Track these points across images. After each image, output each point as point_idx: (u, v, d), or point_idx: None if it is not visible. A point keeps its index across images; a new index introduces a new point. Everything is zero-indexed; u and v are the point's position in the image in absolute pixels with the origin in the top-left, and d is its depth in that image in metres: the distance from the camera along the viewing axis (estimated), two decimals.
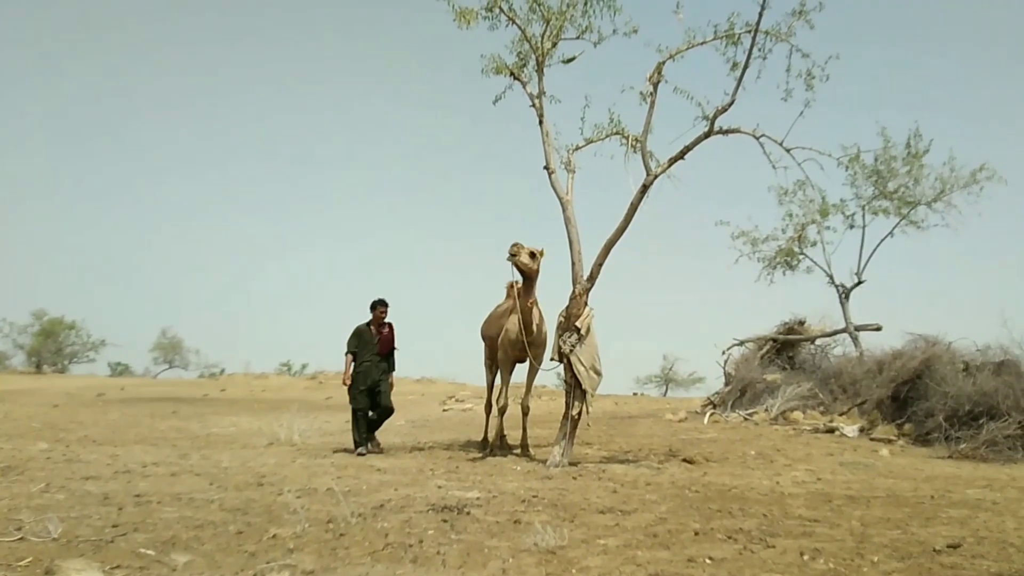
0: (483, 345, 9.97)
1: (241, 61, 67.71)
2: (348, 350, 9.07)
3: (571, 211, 8.43)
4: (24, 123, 58.04)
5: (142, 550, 4.13)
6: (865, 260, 16.66)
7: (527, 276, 8.36)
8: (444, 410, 17.89)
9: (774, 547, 4.47)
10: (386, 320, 9.28)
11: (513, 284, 8.88)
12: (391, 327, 9.27)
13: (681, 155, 8.15)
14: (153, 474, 7.05)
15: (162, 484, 6.43)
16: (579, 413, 8.00)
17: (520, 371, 9.40)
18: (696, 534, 4.80)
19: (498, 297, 9.85)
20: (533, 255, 8.28)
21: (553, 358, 8.27)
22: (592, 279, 8.15)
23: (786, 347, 16.14)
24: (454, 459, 8.58)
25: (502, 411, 9.23)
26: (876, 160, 15.93)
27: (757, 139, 8.18)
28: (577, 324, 7.98)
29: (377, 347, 9.10)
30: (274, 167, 66.24)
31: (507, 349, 8.97)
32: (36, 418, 13.43)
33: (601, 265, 8.16)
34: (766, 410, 13.28)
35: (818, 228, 16.95)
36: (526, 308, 8.42)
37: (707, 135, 8.05)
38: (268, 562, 3.97)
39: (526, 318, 8.46)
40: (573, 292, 8.11)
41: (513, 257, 8.13)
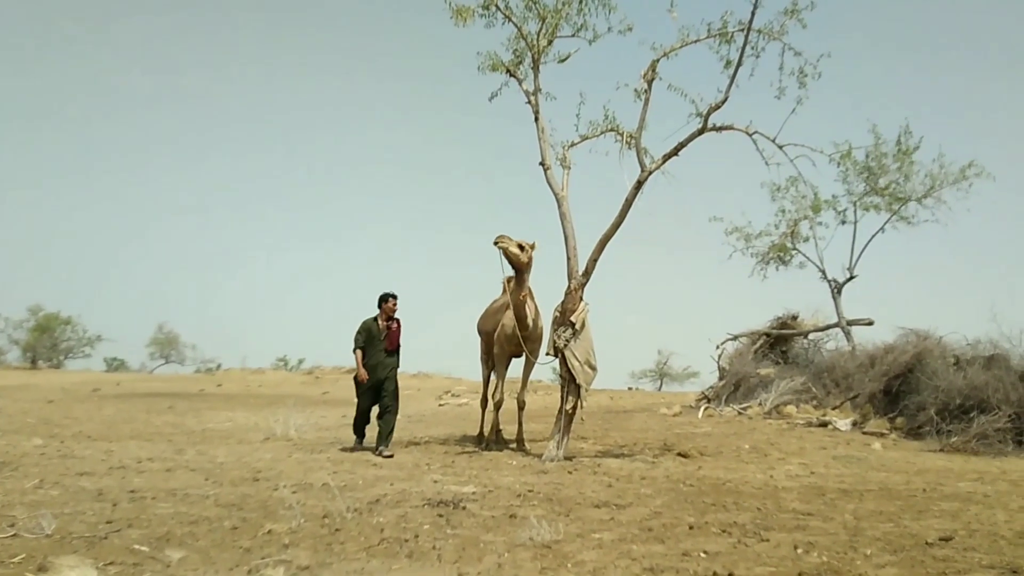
0: (479, 340, 9.99)
1: (237, 57, 67.42)
2: (356, 346, 8.60)
3: (566, 207, 8.46)
4: (21, 120, 57.80)
5: (136, 546, 4.12)
6: (857, 255, 16.79)
7: (517, 269, 8.35)
8: (440, 405, 17.93)
9: (768, 540, 4.49)
10: (395, 315, 8.82)
11: (509, 279, 8.86)
12: (399, 322, 8.80)
13: (675, 152, 8.20)
14: (148, 470, 7.04)
15: (157, 480, 6.43)
16: (574, 407, 8.03)
17: (516, 366, 9.45)
18: (691, 528, 4.82)
19: (494, 292, 9.88)
20: (522, 247, 8.27)
21: (548, 353, 8.31)
22: (587, 274, 8.19)
23: (779, 342, 16.20)
24: (450, 454, 8.60)
25: (498, 406, 9.25)
26: (867, 157, 16.05)
27: (750, 136, 8.24)
28: (572, 319, 8.02)
29: (385, 343, 8.64)
30: (270, 162, 66.08)
31: (503, 344, 8.99)
32: (31, 414, 13.38)
33: (596, 260, 8.20)
34: (760, 404, 13.31)
35: (810, 224, 17.06)
36: (518, 301, 8.42)
37: (701, 132, 8.10)
38: (263, 558, 3.97)
39: (519, 311, 8.47)
40: (568, 287, 8.15)
41: (500, 246, 8.11)
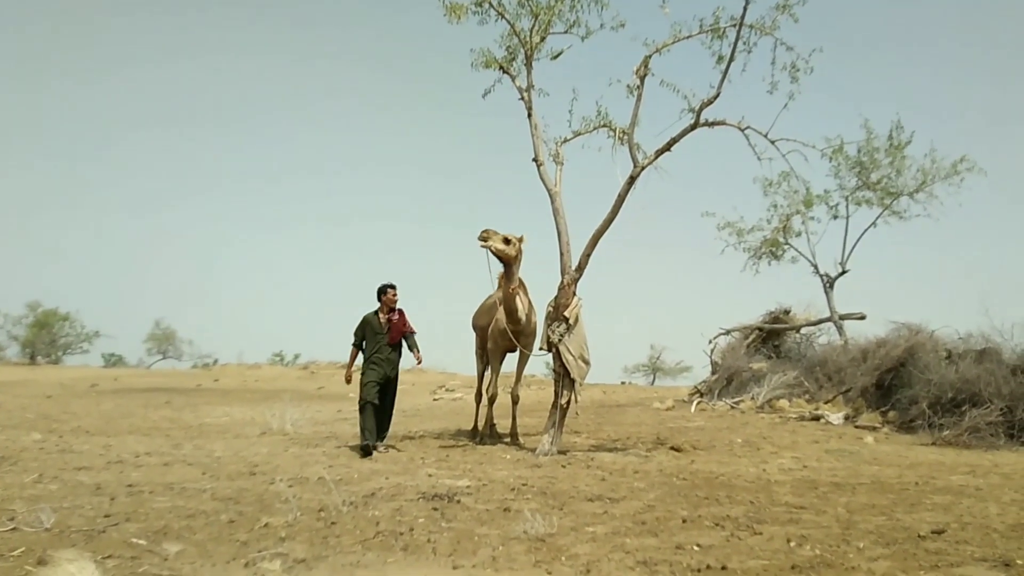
0: (474, 335, 10.02)
1: (234, 51, 67.08)
2: (354, 342, 8.22)
3: (559, 202, 8.49)
4: (18, 117, 57.55)
5: (134, 540, 4.16)
6: (849, 250, 16.78)
7: (505, 263, 8.34)
8: (434, 399, 17.95)
9: (761, 534, 4.50)
10: (396, 306, 8.37)
11: (501, 275, 8.91)
12: (401, 313, 8.33)
13: (668, 147, 8.23)
14: (145, 464, 7.08)
15: (154, 474, 6.47)
16: (567, 402, 8.08)
17: (512, 361, 9.46)
18: (684, 521, 4.84)
19: (489, 288, 9.91)
20: (508, 241, 8.24)
21: (542, 347, 8.33)
22: (580, 269, 8.22)
23: (772, 336, 16.25)
24: (444, 448, 8.63)
25: (492, 400, 9.29)
26: (859, 152, 16.01)
27: (742, 131, 8.25)
28: (565, 314, 8.05)
29: (387, 336, 8.18)
30: (266, 159, 65.85)
31: (496, 339, 9.01)
32: (30, 409, 13.42)
33: (589, 256, 8.24)
34: (752, 398, 13.36)
35: (802, 218, 17.04)
36: (508, 295, 8.42)
37: (693, 127, 8.12)
38: (260, 551, 4.00)
39: (509, 305, 8.47)
40: (562, 282, 8.19)
41: (484, 242, 8.08)
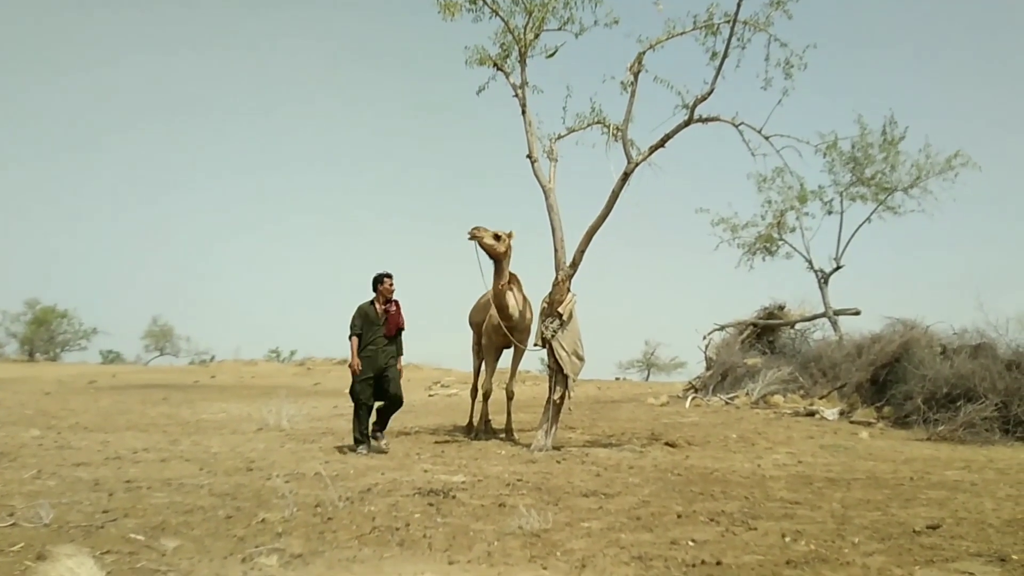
0: (471, 331, 10.05)
1: (229, 48, 66.92)
2: (352, 332, 7.96)
3: (553, 199, 8.51)
4: (14, 114, 57.35)
5: (132, 535, 4.20)
6: (843, 245, 16.90)
7: (495, 259, 8.37)
8: (430, 395, 17.96)
9: (756, 529, 4.51)
10: (393, 296, 8.13)
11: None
12: (398, 304, 8.12)
13: (662, 143, 8.23)
14: (143, 460, 7.11)
15: (152, 470, 6.51)
16: (561, 397, 8.10)
17: (507, 357, 9.49)
18: (679, 517, 4.85)
19: (483, 285, 9.92)
20: (498, 237, 8.28)
21: (536, 343, 8.37)
22: (574, 265, 8.25)
23: (766, 332, 16.27)
24: (440, 444, 8.67)
25: (486, 396, 9.31)
26: (853, 147, 16.12)
27: (736, 127, 8.26)
28: (559, 310, 8.07)
29: (384, 328, 7.99)
30: (262, 156, 65.89)
31: (491, 335, 9.03)
32: (28, 405, 13.45)
33: (583, 252, 8.26)
34: (747, 394, 13.37)
35: (797, 214, 17.14)
36: (499, 291, 8.44)
37: (687, 123, 8.13)
38: (257, 546, 4.03)
39: (500, 300, 8.49)
40: (556, 278, 8.21)
41: (474, 238, 8.12)
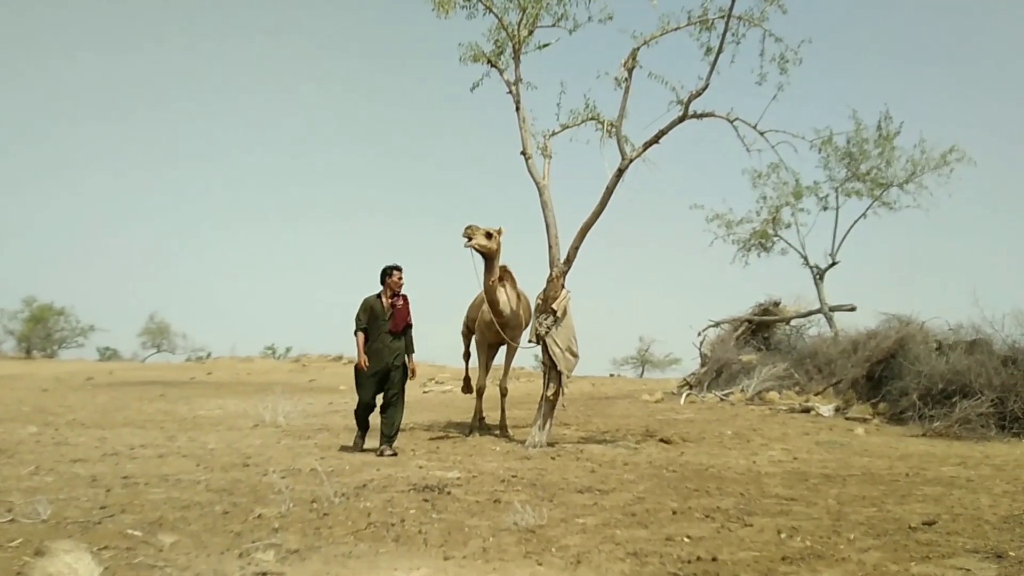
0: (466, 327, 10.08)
1: (222, 42, 66.74)
2: (358, 327, 7.62)
3: (548, 195, 8.51)
4: (10, 110, 57.18)
5: (129, 531, 4.21)
6: (839, 241, 16.85)
7: (488, 257, 8.34)
8: (424, 392, 17.98)
9: (751, 525, 4.50)
10: (401, 290, 7.79)
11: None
12: (406, 299, 7.77)
13: (656, 139, 8.25)
14: (140, 456, 7.14)
15: (149, 466, 6.53)
16: (556, 394, 8.12)
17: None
18: (674, 513, 4.86)
19: (477, 284, 9.95)
20: (489, 235, 8.24)
21: (530, 340, 8.38)
22: (569, 262, 8.25)
23: (761, 328, 16.27)
24: (434, 440, 8.69)
25: (480, 392, 9.33)
26: (848, 143, 16.04)
27: (731, 123, 8.28)
28: (553, 306, 8.09)
29: (390, 323, 7.63)
30: (256, 154, 65.80)
31: (483, 331, 9.05)
32: (26, 402, 13.46)
33: (578, 248, 8.27)
34: (742, 390, 13.37)
35: (792, 210, 17.09)
36: (490, 287, 8.43)
37: (681, 119, 8.14)
38: (253, 541, 4.05)
39: (491, 297, 8.49)
40: (550, 275, 8.22)
41: (470, 242, 8.08)
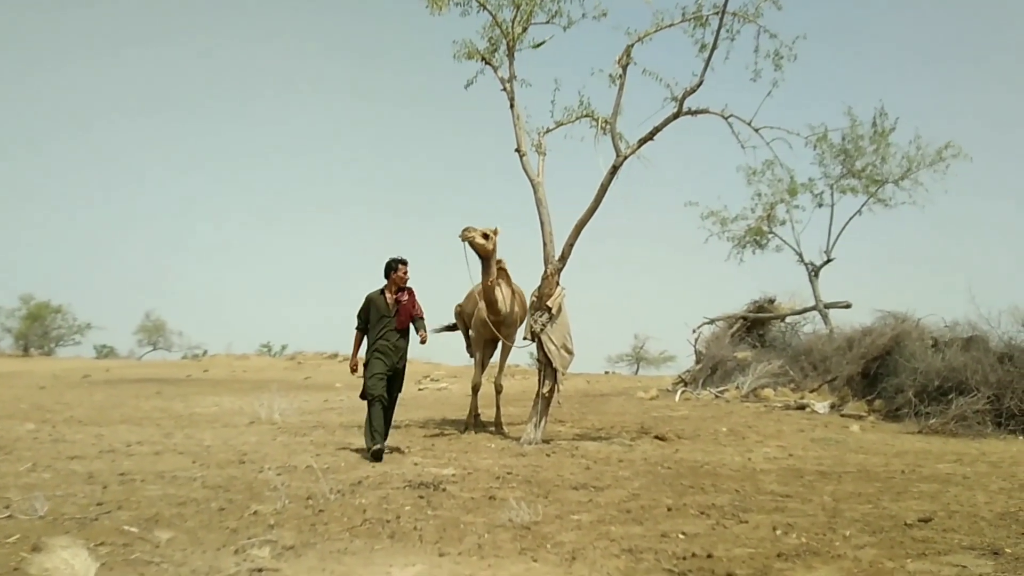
0: (459, 322, 10.13)
1: (217, 37, 66.45)
2: (357, 325, 7.29)
3: (542, 193, 8.52)
4: (6, 108, 56.97)
5: (126, 527, 4.24)
6: (834, 238, 16.92)
7: (484, 257, 8.37)
8: (419, 389, 17.94)
9: (747, 522, 4.53)
10: (406, 285, 7.39)
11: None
12: (411, 293, 7.35)
13: (650, 136, 8.27)
14: (137, 453, 7.14)
15: (146, 463, 6.54)
16: (551, 391, 8.13)
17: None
18: (669, 510, 4.88)
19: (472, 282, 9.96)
20: (486, 235, 8.27)
21: (525, 337, 8.40)
22: (563, 259, 8.28)
23: (756, 325, 16.31)
24: (430, 437, 8.69)
25: (475, 389, 9.35)
26: (843, 139, 16.06)
27: (726, 119, 8.30)
28: (548, 304, 8.10)
29: (395, 320, 7.22)
30: (252, 152, 65.56)
31: (479, 329, 9.06)
32: (23, 399, 13.42)
33: (572, 245, 8.29)
34: (737, 387, 13.40)
35: (787, 207, 17.15)
36: (487, 286, 8.47)
37: (676, 116, 8.16)
38: (249, 538, 4.08)
39: (488, 296, 8.52)
40: (545, 272, 8.22)
41: (470, 243, 8.12)
